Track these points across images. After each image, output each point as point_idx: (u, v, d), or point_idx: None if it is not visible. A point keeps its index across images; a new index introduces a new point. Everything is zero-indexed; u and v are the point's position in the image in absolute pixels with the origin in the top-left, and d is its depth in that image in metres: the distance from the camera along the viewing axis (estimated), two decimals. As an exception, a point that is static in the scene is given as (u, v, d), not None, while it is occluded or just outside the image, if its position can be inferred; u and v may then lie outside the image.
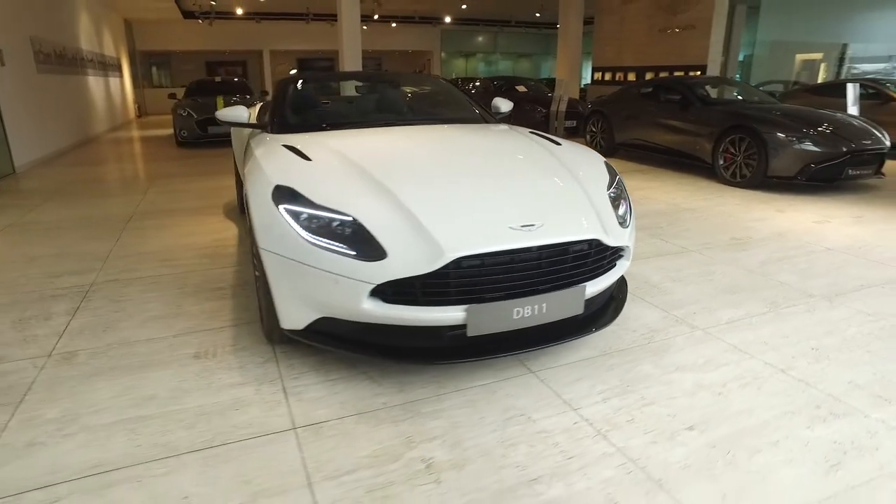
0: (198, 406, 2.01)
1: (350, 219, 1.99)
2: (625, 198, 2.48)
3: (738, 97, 6.82)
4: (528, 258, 1.96)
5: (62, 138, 9.20)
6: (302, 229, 1.99)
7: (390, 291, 1.91)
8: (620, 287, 2.57)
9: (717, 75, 10.39)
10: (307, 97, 3.45)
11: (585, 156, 2.71)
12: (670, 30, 11.11)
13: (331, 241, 1.96)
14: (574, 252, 2.05)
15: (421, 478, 1.63)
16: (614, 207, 2.34)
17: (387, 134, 2.88)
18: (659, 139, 6.87)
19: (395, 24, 19.83)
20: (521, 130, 3.12)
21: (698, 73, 10.38)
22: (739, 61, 14.26)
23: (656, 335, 2.53)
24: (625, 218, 2.35)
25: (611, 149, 7.81)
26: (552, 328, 2.10)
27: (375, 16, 16.86)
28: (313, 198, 2.07)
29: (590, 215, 2.17)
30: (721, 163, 5.95)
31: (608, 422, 1.90)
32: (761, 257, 3.62)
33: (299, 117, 3.22)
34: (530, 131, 3.11)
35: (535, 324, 2.02)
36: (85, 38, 11.70)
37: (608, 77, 13.13)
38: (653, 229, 4.31)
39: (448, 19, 19.28)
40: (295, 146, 2.57)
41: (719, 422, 1.90)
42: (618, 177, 2.59)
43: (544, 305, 2.00)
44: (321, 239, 1.96)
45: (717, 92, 6.99)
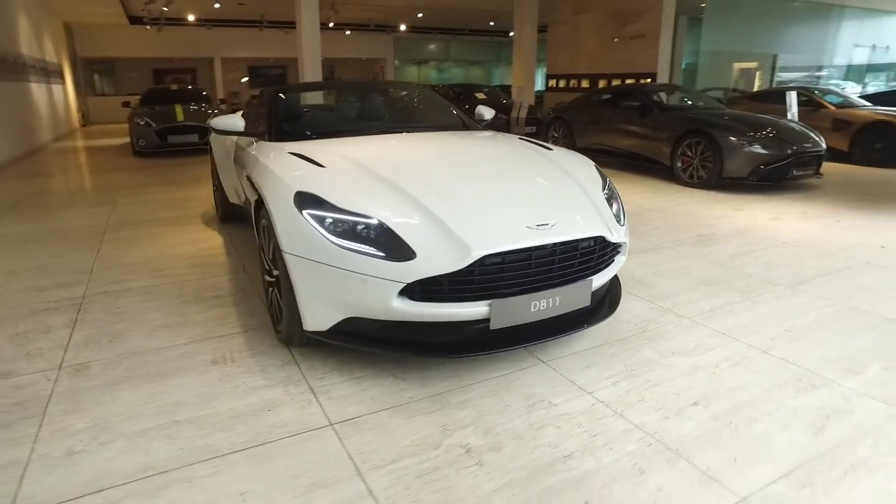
0: (230, 409, 2.05)
1: (375, 222, 2.09)
2: (616, 198, 2.68)
3: (691, 104, 7.27)
4: (543, 255, 2.12)
5: (6, 149, 8.73)
6: (328, 233, 2.08)
7: (418, 289, 2.02)
8: (613, 281, 2.77)
9: (671, 83, 10.98)
10: (301, 106, 3.51)
11: (577, 160, 2.91)
12: (621, 39, 11.66)
13: (358, 243, 2.05)
14: (582, 248, 2.23)
15: (464, 461, 1.75)
16: (609, 207, 2.54)
17: (388, 141, 2.99)
18: (619, 143, 7.24)
19: (349, 32, 19.81)
20: (511, 136, 3.30)
21: (649, 80, 10.95)
22: (682, 69, 15.10)
23: (649, 325, 2.75)
24: (619, 216, 2.55)
25: (573, 153, 8.14)
26: (563, 320, 2.26)
27: (331, 23, 16.80)
28: (336, 202, 2.16)
29: (593, 214, 2.36)
30: (679, 165, 6.35)
31: (621, 402, 2.08)
32: (728, 252, 3.93)
33: (297, 125, 3.28)
34: (520, 137, 3.29)
35: (550, 316, 2.18)
36: (25, 43, 11.14)
37: (563, 84, 13.61)
38: (626, 228, 4.57)
39: (403, 27, 19.43)
40: (302, 153, 2.64)
41: (718, 397, 2.11)
42: (608, 179, 2.80)
43: (557, 298, 2.17)
44: (348, 242, 2.06)
45: (672, 99, 7.43)
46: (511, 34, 18.72)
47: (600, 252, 2.33)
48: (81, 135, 14.13)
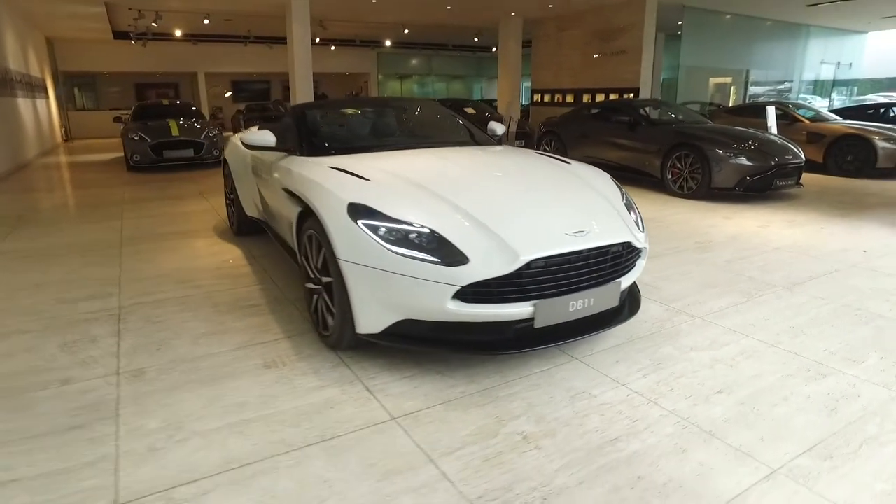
0: (293, 408, 2.19)
1: (427, 230, 2.27)
2: (633, 207, 2.91)
3: (677, 118, 7.63)
4: (579, 259, 2.33)
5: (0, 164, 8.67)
6: (384, 241, 2.25)
7: (470, 292, 2.20)
8: (632, 285, 2.98)
9: (658, 98, 11.44)
10: (330, 122, 3.68)
11: (595, 172, 3.13)
12: (604, 55, 12.11)
13: (411, 250, 2.23)
14: (612, 253, 2.44)
15: (523, 446, 1.93)
16: (630, 215, 2.76)
17: (418, 155, 3.17)
18: (610, 156, 7.55)
19: (333, 48, 20.02)
20: (529, 151, 3.51)
21: (632, 94, 11.38)
22: (660, 84, 15.70)
23: (665, 324, 2.97)
24: (638, 223, 2.78)
25: (564, 166, 8.43)
26: (595, 319, 2.46)
27: (317, 39, 16.99)
28: (388, 212, 2.33)
29: (619, 222, 2.58)
30: (669, 177, 6.67)
31: (653, 392, 2.28)
32: (726, 257, 4.20)
33: (327, 141, 3.45)
34: (536, 151, 3.51)
35: (585, 315, 2.38)
36: (12, 58, 11.06)
37: (547, 98, 14.02)
38: (627, 237, 4.82)
39: (388, 43, 19.73)
40: (342, 167, 2.81)
41: (739, 385, 2.33)
42: (624, 189, 3.03)
43: (591, 299, 2.37)
44: (403, 249, 2.23)
45: (659, 113, 7.78)
46: (494, 49, 19.20)
47: (627, 256, 2.54)
48: (65, 150, 13.98)
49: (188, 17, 13.77)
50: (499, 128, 4.10)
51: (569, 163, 3.22)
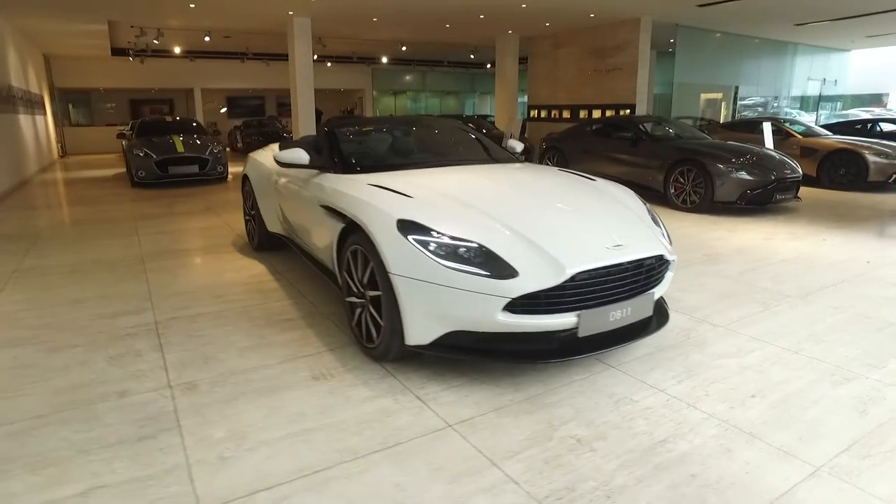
0: (351, 417, 2.28)
1: (476, 245, 2.38)
2: (659, 221, 3.05)
3: (677, 134, 7.86)
4: (618, 271, 2.46)
5: (5, 180, 8.67)
6: (435, 256, 2.36)
7: (518, 303, 2.31)
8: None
9: (658, 115, 11.73)
10: (362, 140, 3.81)
11: (620, 188, 3.28)
12: (600, 72, 12.41)
13: (463, 264, 2.34)
14: (646, 265, 2.58)
15: (579, 449, 2.03)
16: (658, 229, 2.90)
17: (451, 173, 3.30)
18: (613, 171, 7.73)
19: (329, 64, 20.23)
20: (553, 168, 3.66)
21: (628, 110, 11.66)
22: (653, 100, 16.08)
23: (690, 333, 3.10)
24: (666, 237, 2.92)
25: (567, 180, 8.62)
26: (631, 328, 2.59)
27: (315, 56, 17.19)
28: (436, 228, 2.45)
29: (651, 236, 2.71)
30: (672, 191, 6.87)
31: (691, 397, 2.40)
32: (736, 269, 4.36)
33: (362, 159, 3.57)
34: (559, 169, 3.66)
35: (623, 324, 2.50)
36: (14, 75, 11.10)
37: (544, 114, 14.29)
38: (639, 249, 4.97)
39: (385, 59, 19.98)
40: (381, 185, 2.92)
41: (770, 390, 2.45)
42: (647, 205, 3.18)
43: (629, 309, 2.50)
44: (454, 263, 2.34)
45: (659, 129, 8.00)
46: (489, 66, 19.53)
47: (659, 268, 2.67)
48: (62, 166, 13.96)
49: (189, 35, 13.90)
50: (518, 145, 4.26)
51: (594, 180, 3.37)
